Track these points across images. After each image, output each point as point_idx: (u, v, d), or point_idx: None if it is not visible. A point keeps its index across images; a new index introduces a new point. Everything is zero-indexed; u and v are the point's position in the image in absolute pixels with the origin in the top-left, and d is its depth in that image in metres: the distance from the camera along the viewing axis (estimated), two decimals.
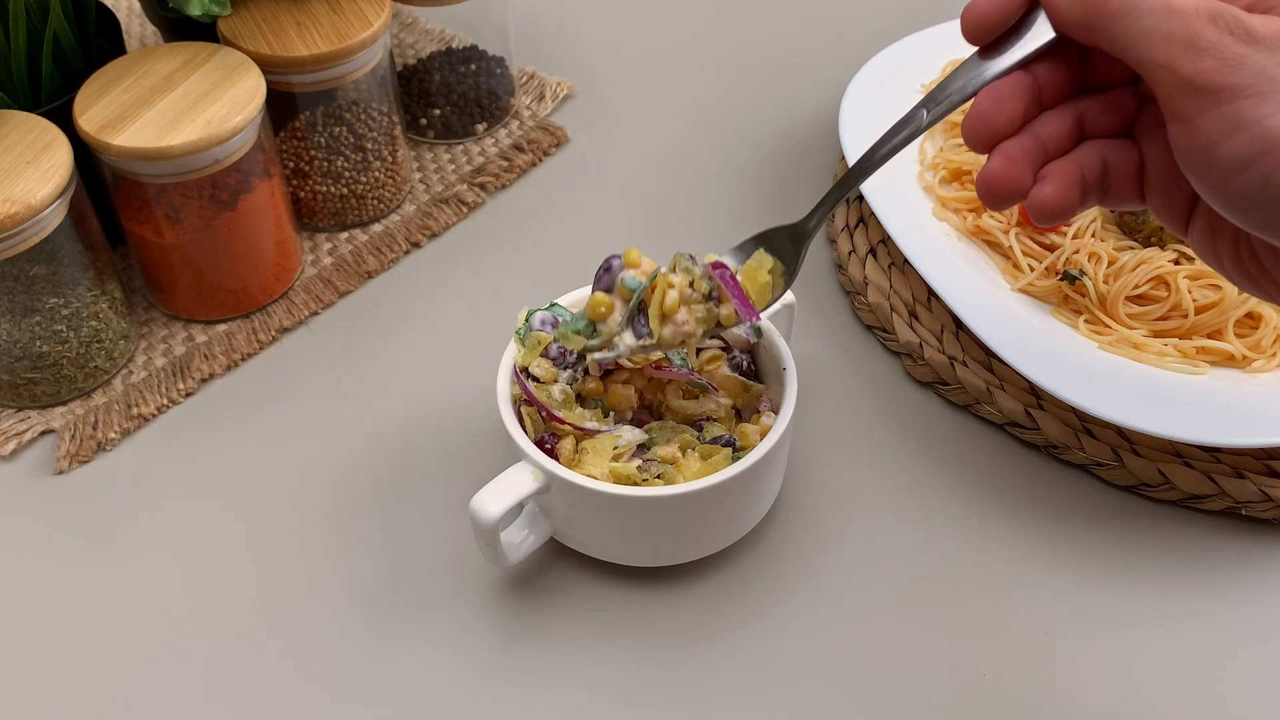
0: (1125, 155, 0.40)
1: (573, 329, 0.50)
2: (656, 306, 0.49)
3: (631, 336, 0.50)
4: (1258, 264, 0.39)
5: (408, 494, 0.58)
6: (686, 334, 0.49)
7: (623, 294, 0.50)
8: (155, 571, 0.55)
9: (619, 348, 0.50)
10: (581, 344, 0.50)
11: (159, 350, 0.64)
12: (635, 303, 0.49)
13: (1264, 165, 0.34)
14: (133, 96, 0.59)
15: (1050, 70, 0.40)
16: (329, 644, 0.53)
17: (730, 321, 0.49)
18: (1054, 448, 0.59)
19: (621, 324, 0.50)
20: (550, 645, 0.52)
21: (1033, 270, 0.62)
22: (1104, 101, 0.41)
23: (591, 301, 0.50)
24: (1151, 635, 0.53)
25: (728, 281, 0.49)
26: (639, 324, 0.49)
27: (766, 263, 0.50)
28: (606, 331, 0.50)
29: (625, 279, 0.50)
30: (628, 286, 0.49)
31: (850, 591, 0.54)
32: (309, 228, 0.71)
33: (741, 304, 0.49)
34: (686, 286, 0.49)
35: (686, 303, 0.49)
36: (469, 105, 0.75)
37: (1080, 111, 0.40)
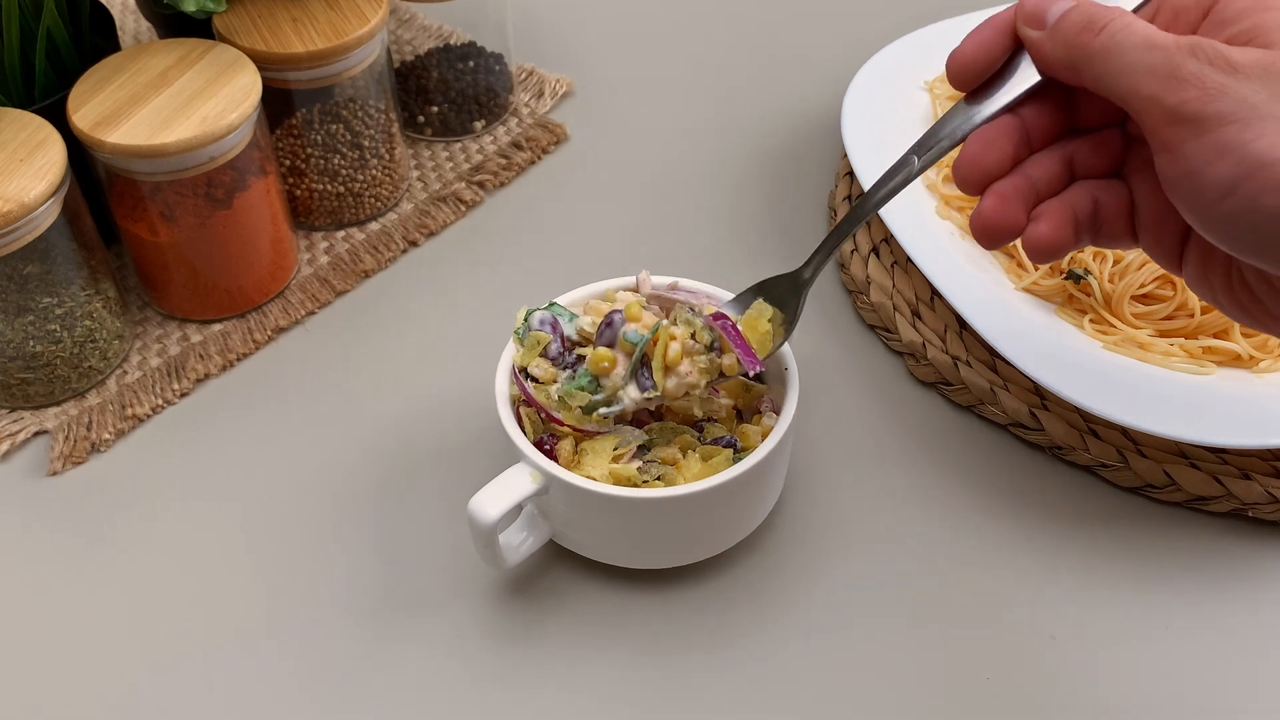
0: (1115, 195, 0.41)
1: (577, 386, 0.51)
2: (659, 359, 0.50)
3: (636, 390, 0.51)
4: (1249, 293, 0.40)
5: (405, 495, 0.58)
6: (690, 385, 0.51)
7: (625, 348, 0.51)
8: (150, 574, 0.55)
9: (624, 401, 0.51)
10: (586, 400, 0.51)
11: (154, 350, 0.64)
12: (638, 356, 0.50)
13: (1249, 188, 0.35)
14: (127, 93, 0.59)
15: (1038, 113, 0.41)
16: (324, 647, 0.53)
17: (732, 371, 0.51)
18: (1058, 449, 0.59)
19: (625, 378, 0.51)
20: (549, 649, 0.52)
21: (1037, 269, 0.62)
22: (1092, 143, 0.42)
23: (594, 357, 0.51)
24: (1157, 639, 0.53)
25: (729, 332, 0.50)
26: (642, 377, 0.51)
27: (766, 312, 0.51)
28: (610, 386, 0.51)
29: (627, 333, 0.51)
30: (630, 340, 0.51)
31: (853, 594, 0.54)
32: (305, 226, 0.71)
33: (744, 353, 0.50)
34: (688, 338, 0.51)
35: (689, 354, 0.50)
36: (467, 102, 0.75)
37: (1069, 153, 0.42)
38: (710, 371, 0.51)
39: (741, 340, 0.51)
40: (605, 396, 0.51)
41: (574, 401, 0.51)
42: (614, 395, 0.51)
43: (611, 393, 0.51)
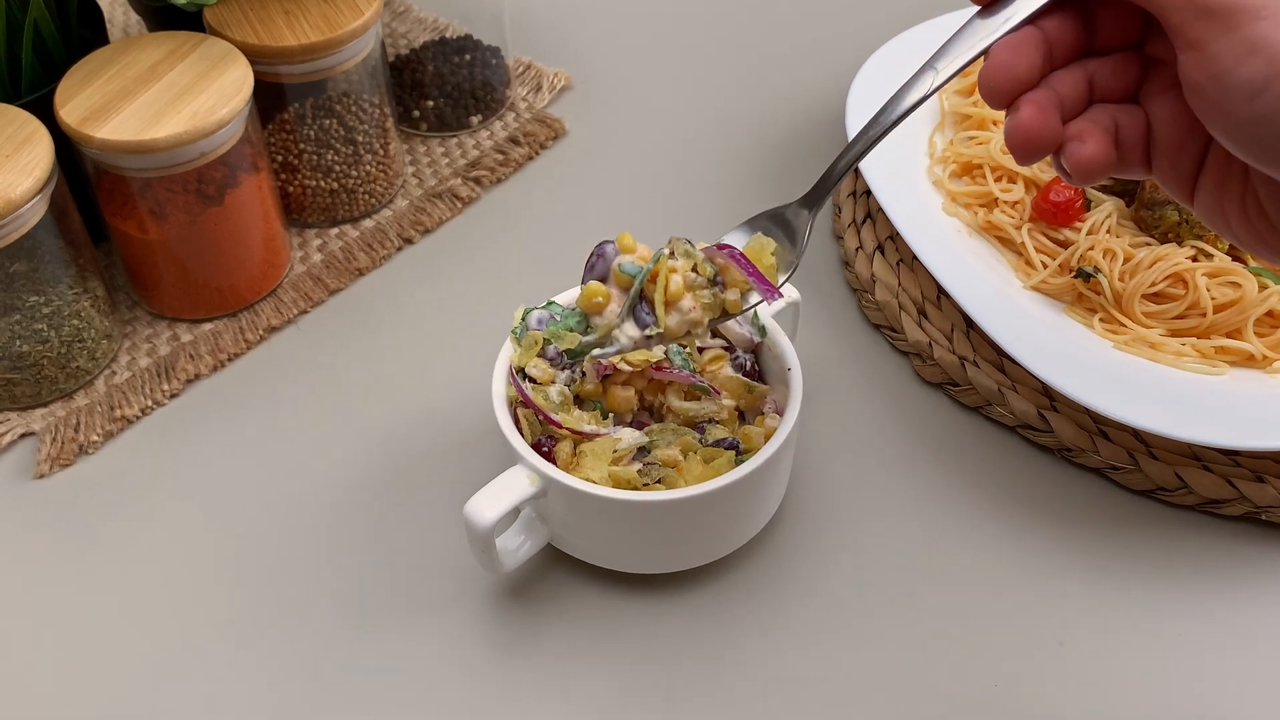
0: (1133, 119, 0.40)
1: (565, 326, 0.48)
2: (660, 293, 0.47)
3: (634, 328, 0.47)
4: (1266, 221, 0.39)
5: (400, 498, 0.58)
6: (693, 322, 0.47)
7: (620, 281, 0.47)
8: (139, 579, 0.55)
9: (620, 341, 0.47)
10: (576, 341, 0.48)
11: (143, 350, 0.64)
12: (637, 290, 0.47)
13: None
14: (116, 88, 0.59)
15: (1058, 27, 0.40)
16: (317, 653, 0.53)
17: (736, 308, 0.48)
18: (1068, 451, 0.59)
19: (621, 315, 0.47)
20: (547, 655, 0.52)
21: (1046, 267, 0.62)
22: (1111, 64, 0.41)
23: (586, 292, 0.47)
24: (1169, 644, 0.53)
25: (738, 259, 0.47)
26: (641, 314, 0.47)
27: (768, 245, 0.48)
28: (604, 325, 0.47)
29: (623, 264, 0.47)
30: (626, 272, 0.47)
31: (857, 599, 0.54)
32: (298, 223, 0.71)
33: (759, 281, 0.47)
34: (689, 271, 0.48)
35: (691, 288, 0.47)
36: (463, 97, 0.75)
37: (1090, 72, 0.41)
38: (713, 308, 0.48)
39: (754, 269, 0.47)
40: (598, 336, 0.47)
41: (562, 343, 0.48)
42: (608, 334, 0.47)
43: (605, 332, 0.47)
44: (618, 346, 0.47)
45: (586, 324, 0.48)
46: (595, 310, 0.47)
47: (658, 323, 0.47)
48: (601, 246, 0.48)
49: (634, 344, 0.47)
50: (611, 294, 0.48)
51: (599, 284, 0.47)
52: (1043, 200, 0.63)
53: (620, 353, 0.48)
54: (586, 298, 0.47)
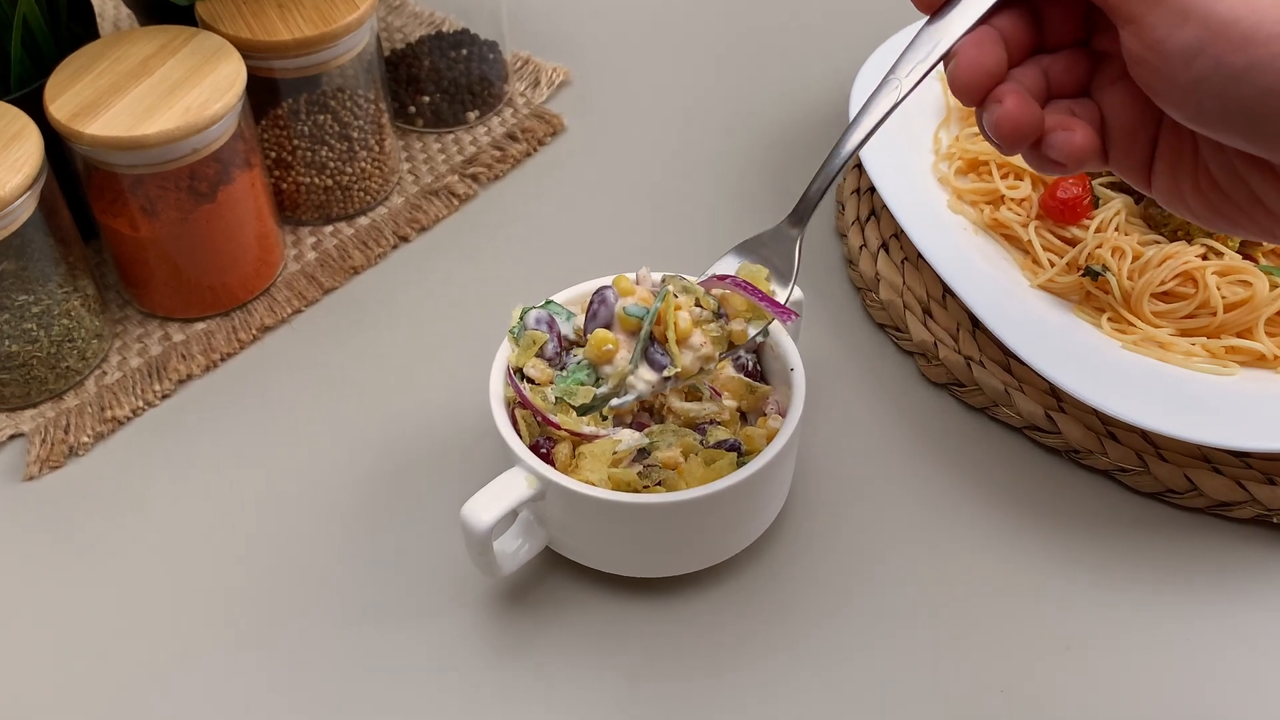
0: (1087, 112, 0.42)
1: (575, 380, 0.47)
2: (671, 332, 0.47)
3: (650, 371, 0.47)
4: (1218, 191, 0.41)
5: (395, 501, 0.58)
6: (706, 358, 0.48)
7: (626, 325, 0.47)
8: (129, 583, 0.55)
9: (638, 388, 0.47)
10: (591, 395, 0.47)
11: (134, 350, 0.64)
12: (647, 332, 0.47)
13: (1214, 50, 0.37)
14: (106, 83, 0.59)
15: (1011, 25, 0.42)
16: (310, 658, 0.53)
17: (743, 339, 0.49)
18: (1075, 452, 0.59)
19: (634, 361, 0.47)
20: (545, 660, 0.52)
21: (1053, 265, 0.62)
22: (1063, 60, 0.43)
23: (594, 341, 0.47)
24: (1178, 649, 0.53)
25: (744, 286, 0.48)
26: (655, 356, 0.47)
27: (761, 272, 0.49)
28: (617, 373, 0.47)
29: (627, 308, 0.47)
30: (632, 315, 0.47)
31: (861, 603, 0.54)
32: (292, 221, 0.71)
33: (770, 305, 0.47)
34: (693, 306, 0.48)
35: (699, 324, 0.48)
36: (460, 92, 0.75)
37: (1044, 68, 0.43)
38: (722, 341, 0.48)
39: (761, 293, 0.47)
40: (612, 386, 0.47)
41: (575, 399, 0.47)
42: (622, 383, 0.47)
43: (619, 380, 0.47)
44: (635, 393, 0.47)
45: (596, 375, 0.48)
46: (605, 359, 0.47)
47: (674, 363, 0.47)
48: (601, 293, 0.48)
49: (652, 389, 0.47)
50: (619, 340, 0.47)
51: (606, 332, 0.47)
52: (1050, 197, 0.63)
53: (639, 399, 0.48)
54: (595, 347, 0.47)
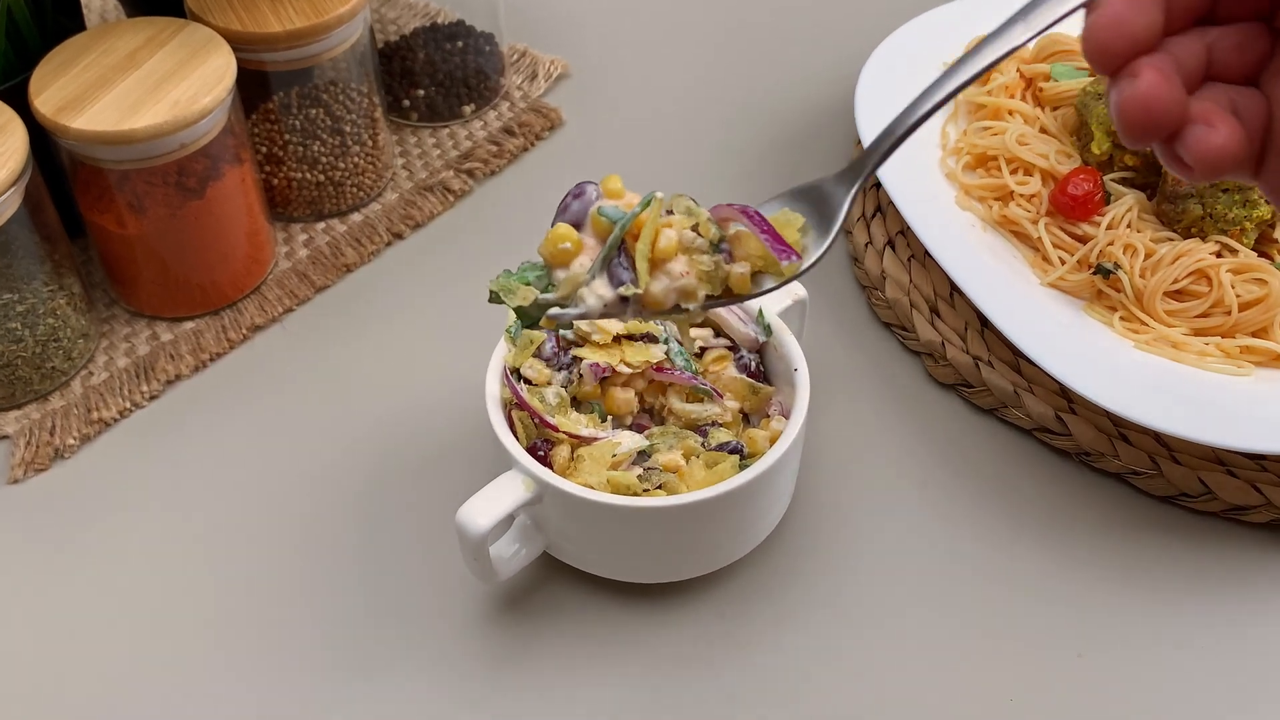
0: (1252, 106, 0.35)
1: (520, 278, 0.41)
2: (646, 244, 0.40)
3: (606, 285, 0.40)
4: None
5: (389, 504, 0.58)
6: (684, 292, 0.41)
7: (598, 228, 0.40)
8: (116, 589, 0.55)
9: (588, 301, 0.40)
10: (531, 297, 0.40)
11: (121, 350, 0.64)
12: (616, 238, 0.40)
13: None
14: (93, 76, 0.59)
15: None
16: (301, 666, 0.53)
17: (744, 286, 0.41)
18: (1086, 455, 0.59)
19: (593, 269, 0.40)
20: (542, 668, 0.52)
21: (1064, 263, 0.62)
22: (1235, 35, 0.35)
23: (551, 236, 0.40)
24: (1191, 657, 0.53)
25: (753, 219, 0.40)
26: (618, 269, 0.40)
27: (795, 220, 0.41)
28: (569, 279, 0.40)
29: (603, 208, 0.40)
30: (606, 217, 0.40)
31: (866, 610, 0.54)
32: (283, 218, 0.71)
33: (774, 241, 0.40)
34: (688, 229, 0.41)
35: (687, 250, 0.41)
36: (455, 85, 0.75)
37: (1209, 42, 0.35)
38: (713, 280, 0.41)
39: (769, 228, 0.40)
40: (560, 293, 0.40)
41: (512, 299, 0.41)
42: (573, 292, 0.40)
43: (570, 289, 0.40)
44: (583, 308, 0.40)
45: (549, 279, 0.41)
46: (561, 260, 0.40)
47: (637, 281, 0.40)
48: (581, 186, 0.41)
49: (603, 307, 0.40)
50: (585, 243, 0.41)
51: (568, 228, 0.40)
52: (1060, 193, 0.63)
53: (585, 317, 0.41)
54: (552, 244, 0.40)
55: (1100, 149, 0.64)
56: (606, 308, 0.40)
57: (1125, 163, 0.64)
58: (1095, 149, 0.64)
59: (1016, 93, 0.69)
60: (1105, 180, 0.64)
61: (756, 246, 0.41)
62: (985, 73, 0.37)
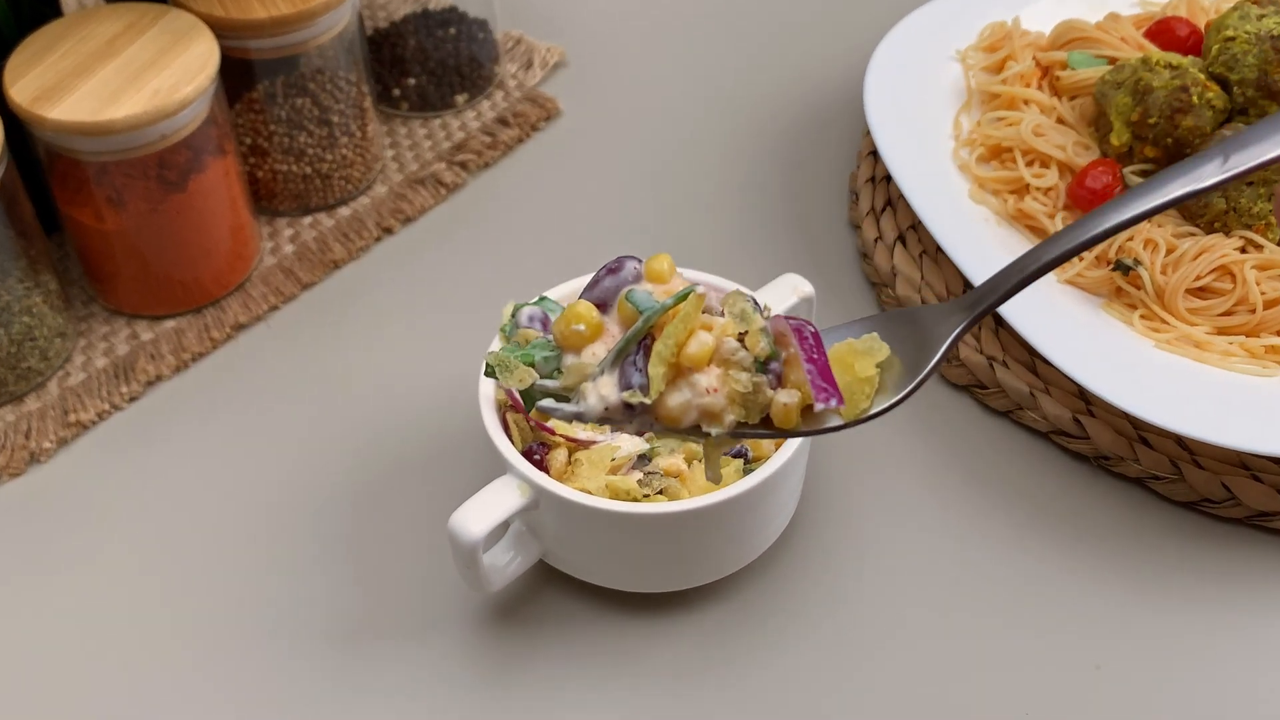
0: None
1: (523, 356, 0.38)
2: (668, 347, 0.36)
3: (612, 385, 0.37)
4: None
5: (378, 511, 0.58)
6: (707, 411, 0.37)
7: (624, 315, 0.37)
8: (93, 598, 0.55)
9: (588, 400, 0.37)
10: (529, 381, 0.37)
11: (99, 349, 0.64)
12: (637, 331, 0.36)
13: None
14: (70, 64, 0.59)
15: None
16: (286, 678, 0.53)
17: (788, 420, 0.37)
18: (1105, 459, 0.59)
19: (604, 363, 0.37)
20: (538, 681, 0.52)
21: (1081, 259, 0.62)
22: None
23: (567, 314, 0.37)
24: (1214, 668, 0.53)
25: (805, 340, 0.36)
26: (630, 368, 0.36)
27: (879, 352, 0.37)
28: (575, 368, 0.37)
29: (634, 293, 0.37)
30: (634, 304, 0.37)
31: (875, 620, 0.54)
32: (268, 211, 0.71)
33: (819, 374, 0.36)
34: (733, 337, 0.37)
35: (724, 361, 0.37)
36: (448, 74, 0.75)
37: None
38: (749, 405, 0.37)
39: (821, 357, 0.36)
40: (564, 383, 0.37)
41: (508, 378, 0.37)
42: (578, 384, 0.37)
43: (575, 379, 0.37)
44: (581, 406, 0.37)
45: (558, 361, 0.38)
46: (573, 344, 0.37)
47: (647, 390, 0.36)
48: (620, 260, 0.37)
49: (604, 410, 0.37)
50: (607, 329, 0.37)
51: (589, 306, 0.37)
52: (1078, 187, 0.63)
53: (580, 418, 0.37)
54: (565, 323, 0.37)
55: (1120, 140, 0.64)
56: (607, 411, 0.37)
57: (1145, 154, 0.64)
58: (1114, 140, 0.64)
59: (1032, 81, 0.69)
60: (1125, 173, 0.64)
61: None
62: (1160, 210, 0.35)
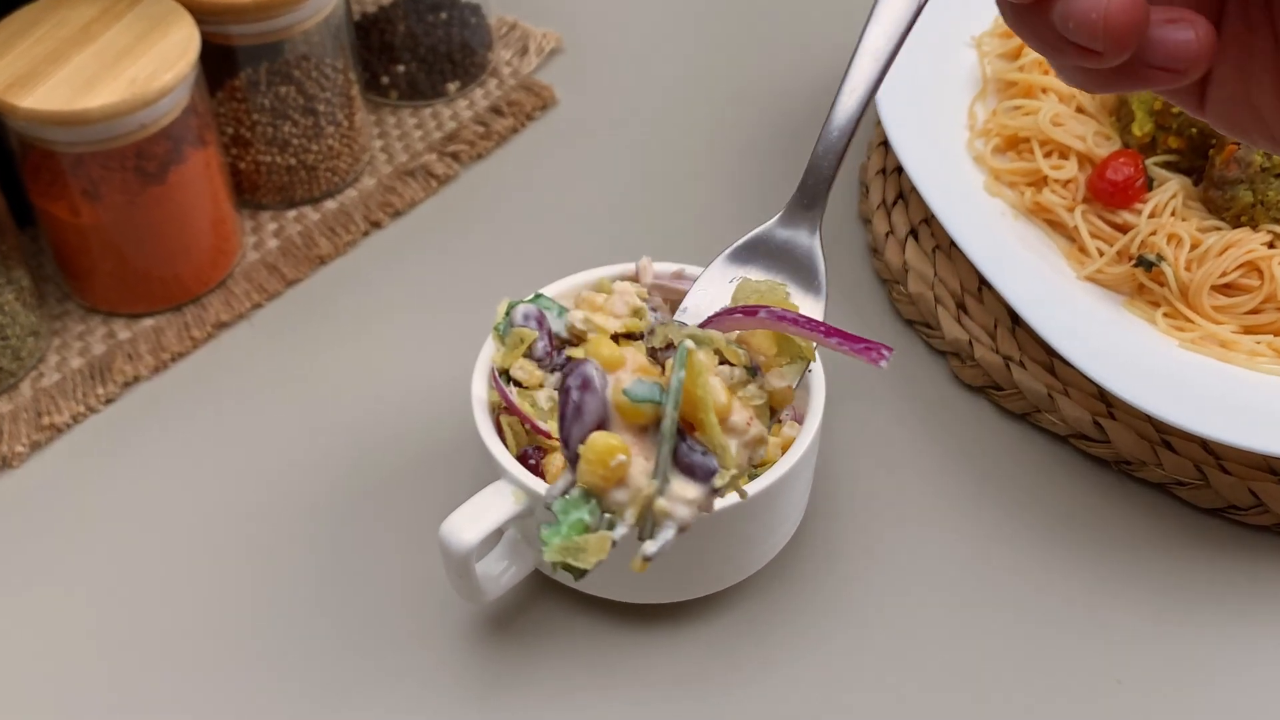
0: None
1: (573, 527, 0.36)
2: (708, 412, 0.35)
3: (689, 484, 0.35)
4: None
5: (366, 518, 0.58)
6: (756, 442, 0.37)
7: (631, 417, 0.36)
8: (66, 607, 0.55)
9: (678, 514, 0.36)
10: (609, 544, 0.36)
11: (74, 349, 0.64)
12: (674, 424, 0.35)
13: None
14: (44, 50, 0.59)
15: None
16: (269, 695, 0.53)
17: (787, 400, 0.39)
18: (1127, 464, 0.59)
19: (659, 471, 0.35)
20: (533, 695, 0.53)
21: (1102, 255, 0.62)
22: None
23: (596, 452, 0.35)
24: (1241, 684, 0.53)
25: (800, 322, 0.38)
26: (689, 456, 0.35)
27: (776, 288, 0.40)
28: (637, 498, 0.35)
29: (631, 390, 0.36)
30: (639, 399, 0.35)
31: (885, 632, 0.54)
32: (251, 205, 0.71)
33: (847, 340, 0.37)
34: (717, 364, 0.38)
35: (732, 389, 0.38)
36: (439, 61, 0.75)
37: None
38: (764, 411, 0.39)
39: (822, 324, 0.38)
40: (634, 518, 0.35)
41: (587, 559, 0.35)
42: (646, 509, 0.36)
43: (642, 507, 0.35)
44: (676, 525, 0.36)
45: (599, 509, 0.36)
46: (613, 479, 0.35)
47: (723, 462, 0.36)
48: (579, 371, 0.36)
49: (697, 510, 0.36)
50: (629, 445, 0.36)
51: (612, 436, 0.35)
52: (1099, 179, 0.63)
53: (683, 527, 0.36)
54: (600, 463, 0.35)
55: (1142, 130, 0.64)
56: (700, 507, 0.36)
57: (1169, 145, 0.64)
58: (1136, 130, 0.64)
59: (1050, 69, 0.69)
60: (1147, 164, 0.64)
61: (764, 342, 0.39)
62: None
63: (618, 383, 0.36)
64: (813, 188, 0.40)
